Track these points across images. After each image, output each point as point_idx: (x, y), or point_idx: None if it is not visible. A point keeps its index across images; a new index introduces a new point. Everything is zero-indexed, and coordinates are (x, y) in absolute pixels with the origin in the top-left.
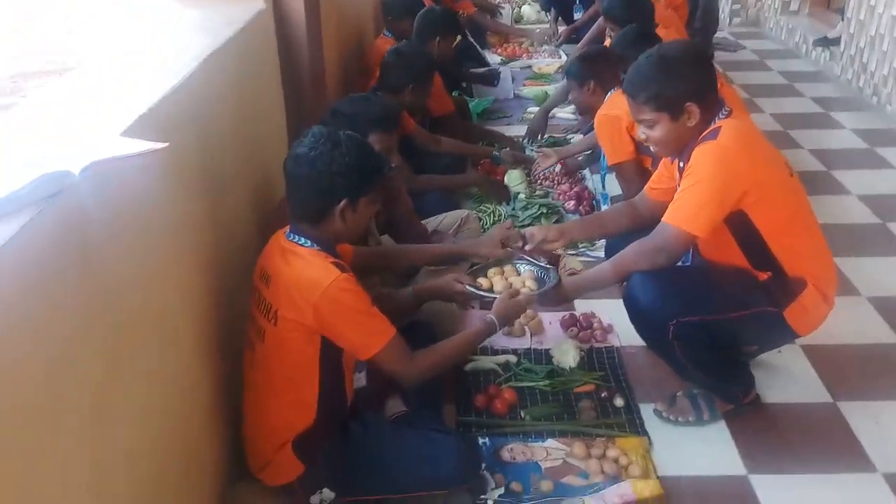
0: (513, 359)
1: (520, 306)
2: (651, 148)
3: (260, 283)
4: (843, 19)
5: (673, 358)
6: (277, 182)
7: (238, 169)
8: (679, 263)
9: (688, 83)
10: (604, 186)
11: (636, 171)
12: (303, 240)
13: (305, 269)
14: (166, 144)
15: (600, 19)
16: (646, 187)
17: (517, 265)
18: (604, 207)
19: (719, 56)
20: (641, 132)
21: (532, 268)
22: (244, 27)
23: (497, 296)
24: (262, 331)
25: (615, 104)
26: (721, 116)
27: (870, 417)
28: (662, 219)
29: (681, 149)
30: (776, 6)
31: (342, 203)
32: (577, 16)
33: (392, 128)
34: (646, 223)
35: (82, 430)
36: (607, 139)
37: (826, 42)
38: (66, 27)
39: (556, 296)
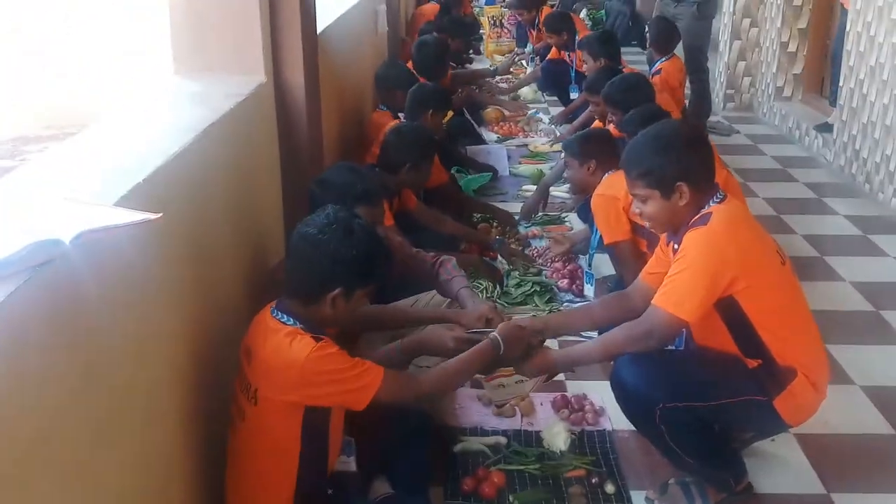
0: (502, 440)
1: (524, 334)
2: (645, 224)
3: (243, 359)
4: (835, 106)
5: (662, 443)
6: (271, 254)
7: (232, 241)
8: (672, 347)
9: (679, 163)
10: (590, 266)
11: (632, 251)
12: (286, 317)
13: (280, 349)
14: (160, 215)
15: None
16: (642, 272)
17: None
18: (587, 287)
19: (713, 140)
20: (635, 207)
21: None
22: (243, 100)
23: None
24: (242, 410)
25: (612, 184)
26: (715, 201)
27: None
28: (652, 301)
29: (674, 227)
30: (770, 92)
31: (336, 291)
32: (573, 95)
33: (377, 202)
34: (639, 315)
35: (62, 500)
36: (603, 219)
37: (828, 128)
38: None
39: (540, 364)
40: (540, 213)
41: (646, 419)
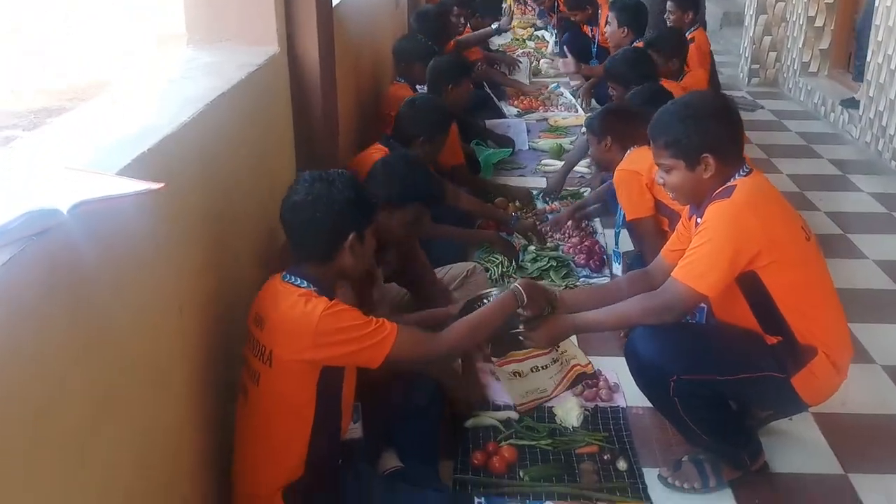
0: (514, 415)
1: (543, 289)
2: (669, 194)
3: (254, 327)
4: (860, 81)
5: (675, 416)
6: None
7: (242, 213)
8: (691, 320)
9: (706, 134)
10: (617, 244)
11: (654, 229)
12: (299, 280)
13: (293, 309)
14: (163, 185)
15: None
16: (663, 250)
17: None
18: (615, 265)
19: None
20: (659, 177)
21: None
22: (255, 71)
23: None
24: (256, 374)
25: (635, 160)
26: (741, 174)
27: (882, 491)
28: (672, 274)
29: (698, 199)
30: (795, 67)
31: (351, 238)
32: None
33: (434, 205)
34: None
35: (65, 474)
36: (626, 195)
37: (853, 103)
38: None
39: (553, 328)
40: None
41: (659, 391)
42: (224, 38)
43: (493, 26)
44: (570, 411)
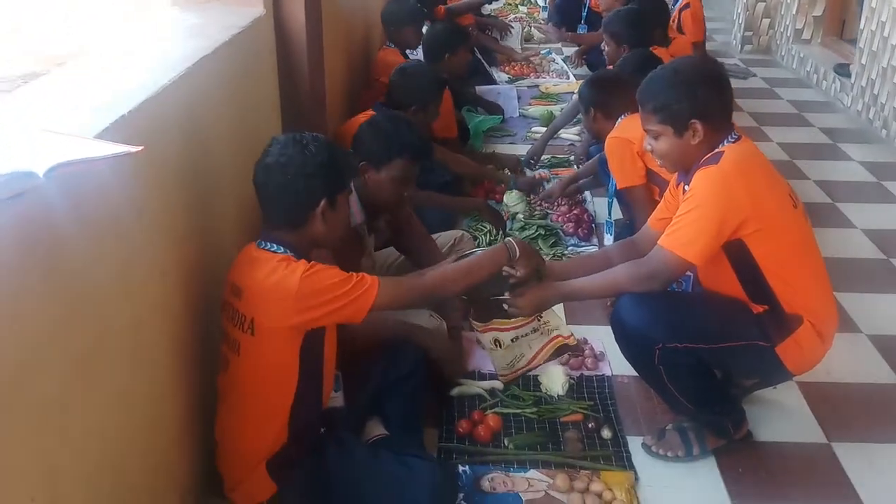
0: (499, 384)
1: (535, 250)
2: (656, 161)
3: (231, 298)
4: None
5: (660, 384)
6: None
7: (227, 177)
8: (677, 289)
9: (695, 100)
10: (610, 213)
11: (646, 197)
12: (275, 246)
13: (272, 275)
14: (141, 148)
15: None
16: (650, 218)
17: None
18: (607, 236)
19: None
20: (647, 143)
21: None
22: (240, 33)
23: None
24: (237, 344)
25: (627, 128)
26: (729, 141)
27: (864, 460)
28: (658, 242)
29: (686, 166)
30: (788, 34)
31: (322, 204)
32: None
33: (421, 159)
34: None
35: (42, 441)
36: (617, 163)
37: (846, 71)
38: (66, 27)
39: (540, 293)
40: (548, 156)
41: (644, 359)
42: (208, 0)
43: None
44: (555, 380)
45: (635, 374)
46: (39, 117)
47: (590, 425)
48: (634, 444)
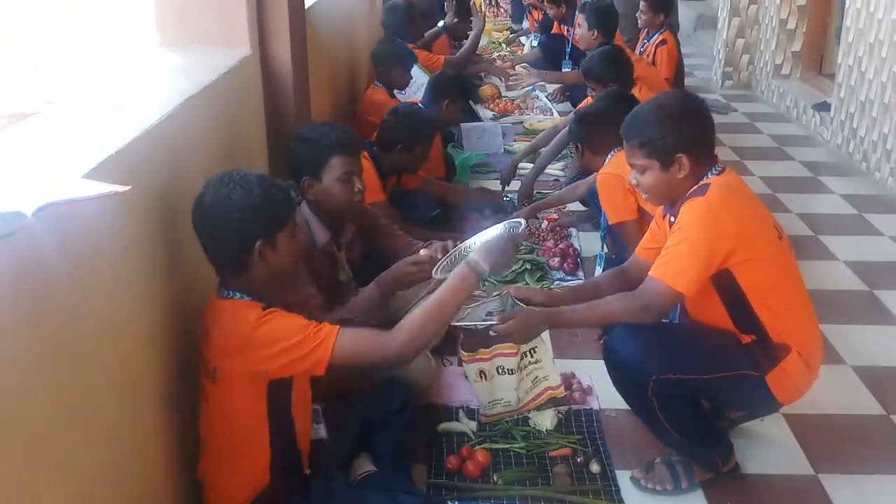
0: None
1: (509, 248)
2: (642, 195)
3: (202, 344)
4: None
5: (651, 417)
6: None
7: None
8: (666, 320)
9: (680, 134)
10: (602, 247)
11: (638, 232)
12: (231, 293)
13: (231, 321)
14: (128, 188)
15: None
16: (638, 248)
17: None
18: (598, 268)
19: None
20: (633, 177)
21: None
22: (226, 73)
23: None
24: (205, 390)
25: (617, 163)
26: (713, 173)
27: (852, 491)
28: (649, 273)
29: (671, 200)
30: (768, 70)
31: (257, 245)
32: (565, 70)
33: (353, 151)
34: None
35: (28, 481)
36: (609, 199)
37: (825, 107)
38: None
39: (526, 320)
40: (534, 192)
41: (637, 391)
42: (195, 40)
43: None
44: (543, 415)
45: (623, 407)
46: (28, 157)
47: (578, 459)
48: (623, 477)
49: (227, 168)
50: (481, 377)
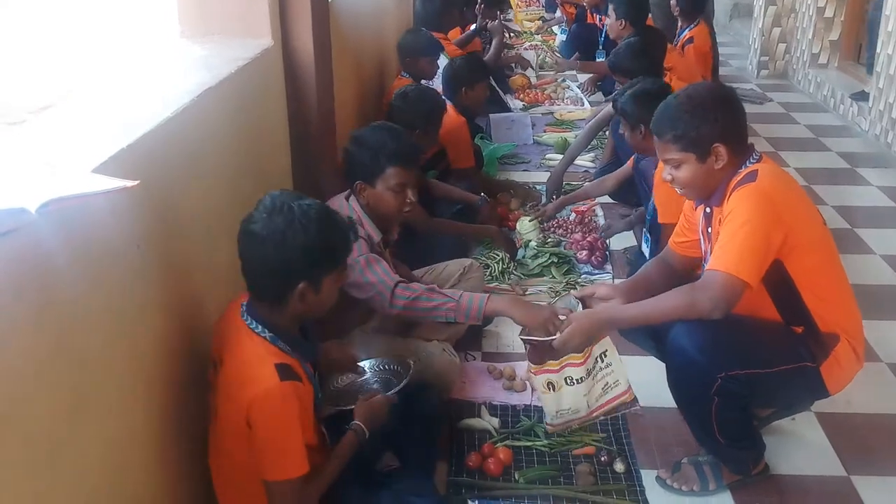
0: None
1: (380, 404)
2: (678, 190)
3: (212, 370)
4: (871, 74)
5: (704, 417)
6: None
7: (230, 212)
8: None
9: (715, 124)
10: (649, 233)
11: None
12: (255, 323)
13: (244, 367)
14: (137, 182)
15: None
16: (670, 241)
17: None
18: (644, 246)
19: (745, 108)
20: (667, 173)
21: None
22: (247, 65)
23: None
24: (214, 410)
25: None
26: (753, 161)
27: (886, 493)
28: (708, 267)
29: (708, 193)
30: (805, 59)
31: (300, 286)
32: (599, 60)
33: (410, 164)
34: (680, 277)
35: (31, 481)
36: (665, 196)
37: (863, 96)
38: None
39: (587, 324)
40: (563, 183)
41: (700, 389)
42: (217, 31)
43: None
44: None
45: (649, 404)
46: (41, 150)
47: (602, 458)
48: (648, 477)
49: (245, 161)
50: (549, 388)
